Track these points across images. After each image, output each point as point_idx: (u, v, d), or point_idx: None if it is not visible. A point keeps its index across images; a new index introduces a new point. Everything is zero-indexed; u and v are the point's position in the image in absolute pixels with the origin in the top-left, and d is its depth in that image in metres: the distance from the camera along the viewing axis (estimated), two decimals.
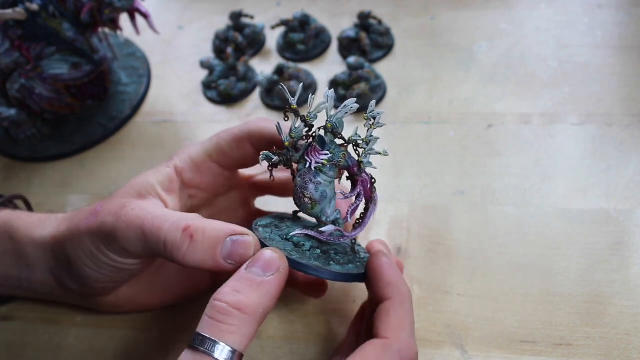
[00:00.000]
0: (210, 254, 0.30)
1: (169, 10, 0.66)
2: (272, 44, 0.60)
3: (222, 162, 0.37)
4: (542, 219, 0.42)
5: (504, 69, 0.53)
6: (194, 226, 0.30)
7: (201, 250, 0.30)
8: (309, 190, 0.31)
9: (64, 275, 0.37)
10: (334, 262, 0.32)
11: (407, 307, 0.32)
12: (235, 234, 0.30)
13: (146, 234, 0.31)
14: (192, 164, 0.36)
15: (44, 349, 0.41)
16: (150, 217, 0.31)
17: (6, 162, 0.55)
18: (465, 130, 0.49)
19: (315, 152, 0.31)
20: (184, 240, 0.30)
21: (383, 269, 0.32)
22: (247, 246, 0.30)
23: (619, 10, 0.55)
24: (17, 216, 0.40)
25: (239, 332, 0.27)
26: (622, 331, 0.36)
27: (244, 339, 0.28)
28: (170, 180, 0.36)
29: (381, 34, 0.56)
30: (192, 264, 0.30)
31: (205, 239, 0.30)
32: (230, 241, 0.30)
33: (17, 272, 0.38)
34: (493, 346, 0.37)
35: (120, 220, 0.32)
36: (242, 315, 0.28)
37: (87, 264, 0.34)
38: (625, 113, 0.48)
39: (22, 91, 0.50)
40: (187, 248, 0.30)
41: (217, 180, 0.38)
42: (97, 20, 0.49)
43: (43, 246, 0.37)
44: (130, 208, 0.32)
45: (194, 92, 0.57)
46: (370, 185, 0.33)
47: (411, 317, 0.32)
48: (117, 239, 0.32)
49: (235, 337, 0.27)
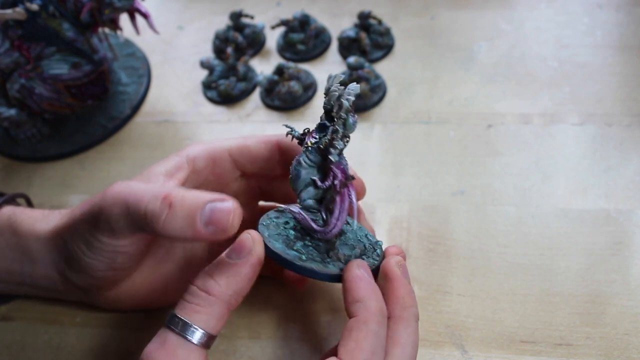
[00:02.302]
0: (189, 222, 0.29)
1: (169, 10, 0.66)
2: (272, 44, 0.60)
3: (241, 159, 0.37)
4: (542, 219, 0.42)
5: (504, 69, 0.53)
6: (173, 194, 0.30)
7: (180, 217, 0.29)
8: (292, 166, 0.32)
9: (66, 267, 0.37)
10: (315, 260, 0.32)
11: (371, 327, 0.30)
12: (214, 201, 0.30)
13: (128, 207, 0.30)
14: (207, 153, 0.36)
15: (44, 349, 0.41)
16: (133, 191, 0.31)
17: (6, 162, 0.55)
18: (465, 130, 0.49)
19: (311, 135, 0.32)
20: (163, 208, 0.29)
21: (351, 283, 0.31)
22: (227, 212, 0.29)
23: (619, 10, 0.55)
24: (20, 211, 0.40)
25: (208, 314, 0.29)
26: (622, 331, 0.36)
27: (214, 321, 0.29)
28: (178, 168, 0.36)
29: (381, 34, 0.56)
30: (172, 233, 0.29)
31: (185, 206, 0.29)
32: (209, 208, 0.29)
33: (20, 267, 0.39)
34: (493, 346, 0.37)
35: (105, 197, 0.32)
36: (209, 297, 0.29)
37: (83, 250, 0.34)
38: (625, 113, 0.48)
39: (22, 91, 0.50)
40: (166, 216, 0.29)
41: (227, 176, 0.38)
42: (97, 20, 0.49)
43: (46, 239, 0.37)
44: (115, 186, 0.32)
45: (194, 92, 0.57)
46: (345, 176, 0.32)
47: (374, 339, 0.29)
48: (103, 218, 0.32)
49: (204, 318, 0.29)
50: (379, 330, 0.30)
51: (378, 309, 0.30)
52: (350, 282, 0.31)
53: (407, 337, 0.31)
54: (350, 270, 0.31)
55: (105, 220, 0.32)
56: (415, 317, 0.32)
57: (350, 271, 0.31)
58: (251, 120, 0.54)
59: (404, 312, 0.31)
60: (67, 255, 0.36)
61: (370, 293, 0.31)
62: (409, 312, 0.31)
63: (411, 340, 0.31)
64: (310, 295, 0.41)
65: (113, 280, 0.37)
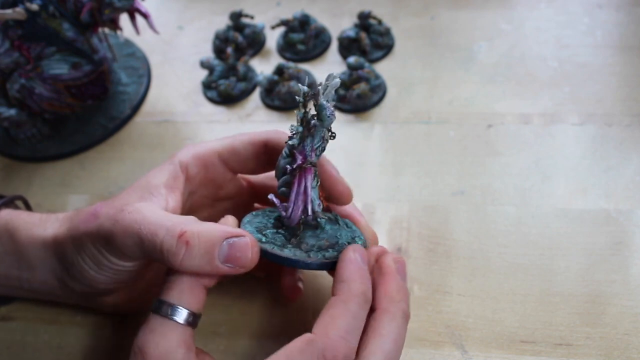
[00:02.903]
0: (207, 259, 0.30)
1: (169, 10, 0.66)
2: (272, 44, 0.60)
3: (231, 161, 0.37)
4: (542, 219, 0.42)
5: (504, 69, 0.53)
6: (189, 232, 0.30)
7: (198, 256, 0.30)
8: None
9: (65, 275, 0.36)
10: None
11: (350, 307, 0.30)
12: (231, 236, 0.30)
13: (143, 240, 0.31)
14: (198, 159, 0.36)
15: (44, 349, 0.41)
16: (147, 222, 0.31)
17: (6, 162, 0.55)
18: (465, 130, 0.49)
19: None
20: (180, 247, 0.30)
21: (340, 265, 0.31)
22: (245, 247, 0.30)
23: (619, 10, 0.55)
24: (17, 215, 0.39)
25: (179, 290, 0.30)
26: (622, 331, 0.36)
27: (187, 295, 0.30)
28: (174, 177, 0.36)
29: (381, 34, 0.56)
30: (191, 270, 0.30)
31: (202, 244, 0.30)
32: (226, 244, 0.30)
33: (18, 272, 0.38)
34: (493, 346, 0.37)
35: (117, 224, 0.31)
36: (178, 274, 0.30)
37: (90, 265, 0.34)
38: (625, 113, 0.48)
39: (22, 91, 0.50)
40: (183, 255, 0.30)
41: (220, 179, 0.37)
42: (97, 20, 0.49)
43: (44, 246, 0.37)
44: (127, 212, 0.32)
45: (194, 92, 0.57)
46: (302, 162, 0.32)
47: (350, 319, 0.29)
48: (115, 243, 0.32)
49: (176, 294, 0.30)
50: (357, 312, 0.30)
51: (360, 291, 0.30)
52: (340, 264, 0.31)
53: (389, 331, 0.30)
54: (345, 253, 0.32)
55: (119, 248, 0.32)
56: (402, 314, 0.31)
57: (344, 254, 0.31)
58: (251, 120, 0.54)
59: (390, 305, 0.31)
60: (67, 264, 0.36)
61: (355, 276, 0.31)
62: (395, 306, 0.31)
63: (393, 335, 0.30)
64: (310, 296, 0.41)
65: (114, 290, 0.37)
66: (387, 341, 0.30)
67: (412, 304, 0.39)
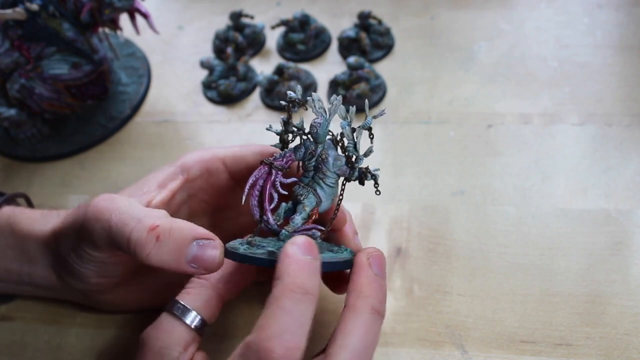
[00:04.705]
0: (175, 257, 0.30)
1: (169, 10, 0.66)
2: (272, 44, 0.60)
3: (235, 169, 0.37)
4: (542, 219, 0.42)
5: (504, 69, 0.53)
6: (161, 227, 0.30)
7: (166, 252, 0.30)
8: None
9: (63, 271, 0.37)
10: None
11: (283, 303, 0.27)
12: (202, 238, 0.30)
13: (111, 228, 0.30)
14: (202, 162, 0.36)
15: (44, 349, 0.41)
16: (118, 211, 0.31)
17: (6, 162, 0.55)
18: (465, 130, 0.49)
19: None
20: (150, 239, 0.30)
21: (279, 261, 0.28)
22: (212, 254, 0.30)
23: (619, 10, 0.55)
24: (19, 211, 0.40)
25: (196, 295, 0.32)
26: (622, 331, 0.36)
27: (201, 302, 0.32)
28: (171, 177, 0.36)
29: (381, 34, 0.56)
30: (155, 264, 0.30)
31: (172, 240, 0.30)
32: (196, 245, 0.30)
33: (19, 266, 0.39)
34: (493, 346, 0.37)
35: (89, 210, 0.32)
36: (199, 281, 0.33)
37: (73, 259, 0.34)
38: (625, 113, 0.48)
39: (22, 91, 0.50)
40: (152, 248, 0.30)
41: (222, 186, 0.37)
42: (97, 20, 0.49)
43: (44, 241, 0.37)
44: (99, 199, 0.32)
45: (194, 92, 0.57)
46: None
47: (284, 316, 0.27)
48: (85, 231, 0.32)
49: (193, 298, 0.32)
50: (293, 308, 0.27)
51: (295, 285, 0.27)
52: (278, 261, 0.28)
53: (353, 327, 0.28)
54: (284, 247, 0.29)
55: (88, 233, 0.32)
56: (370, 309, 0.29)
57: (283, 248, 0.29)
58: (251, 120, 0.54)
59: (357, 300, 0.29)
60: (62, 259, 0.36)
61: (288, 268, 0.28)
62: (362, 301, 0.29)
63: (358, 332, 0.28)
64: None
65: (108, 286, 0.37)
66: (352, 338, 0.28)
67: (412, 304, 0.39)
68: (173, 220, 0.31)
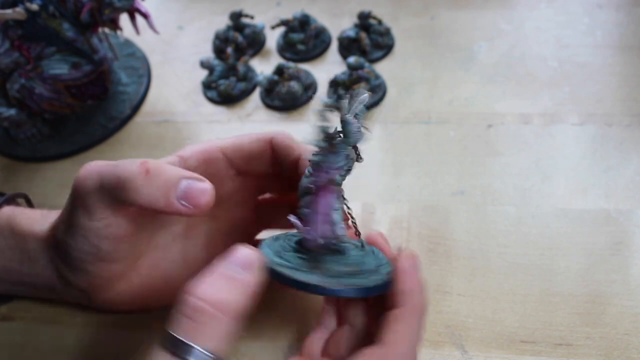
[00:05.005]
0: (163, 191, 0.29)
1: (169, 10, 0.66)
2: (272, 44, 0.60)
3: (235, 158, 0.37)
4: (542, 219, 0.42)
5: (504, 69, 0.53)
6: (151, 162, 0.30)
7: (155, 186, 0.29)
8: None
9: (63, 267, 0.37)
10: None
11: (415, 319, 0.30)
12: (191, 178, 0.30)
13: (102, 177, 0.31)
14: (200, 152, 0.36)
15: (44, 349, 0.41)
16: (107, 164, 0.31)
17: (6, 162, 0.55)
18: (465, 130, 0.49)
19: None
20: (140, 172, 0.29)
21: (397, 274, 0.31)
22: (202, 190, 0.30)
23: (619, 10, 0.55)
24: (20, 212, 0.40)
25: (218, 335, 0.26)
26: (622, 331, 0.36)
27: (224, 342, 0.26)
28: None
29: (381, 34, 0.56)
30: (144, 199, 0.29)
31: (161, 175, 0.30)
32: (186, 183, 0.30)
33: (19, 266, 0.39)
34: (493, 346, 0.37)
35: (79, 175, 0.32)
36: (222, 315, 0.26)
37: (68, 242, 0.34)
38: (625, 113, 0.48)
39: (22, 91, 0.50)
40: (141, 181, 0.29)
41: (221, 175, 0.37)
42: (97, 20, 0.49)
43: (44, 240, 0.37)
44: (89, 164, 0.32)
45: (194, 92, 0.57)
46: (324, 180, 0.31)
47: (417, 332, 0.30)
48: (77, 195, 0.32)
49: (215, 339, 0.25)
50: (418, 326, 0.30)
51: (421, 304, 0.31)
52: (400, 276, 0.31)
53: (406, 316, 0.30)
54: (400, 264, 0.31)
55: (79, 197, 0.32)
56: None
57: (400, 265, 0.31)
58: (251, 120, 0.54)
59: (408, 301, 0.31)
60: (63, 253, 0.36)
61: (413, 287, 0.30)
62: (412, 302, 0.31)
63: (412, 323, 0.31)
64: (311, 297, 0.41)
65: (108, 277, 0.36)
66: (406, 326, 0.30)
67: None
68: (163, 162, 0.31)
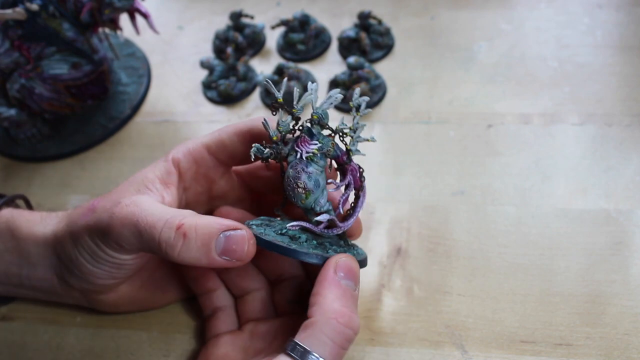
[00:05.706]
0: (204, 252, 0.30)
1: (169, 10, 0.66)
2: (272, 44, 0.60)
3: (220, 154, 0.37)
4: (542, 219, 0.42)
5: (504, 69, 0.53)
6: (187, 224, 0.30)
7: (195, 248, 0.30)
8: (302, 180, 0.32)
9: (65, 272, 0.37)
10: (332, 252, 0.32)
11: None
12: (228, 229, 0.30)
13: (141, 232, 0.31)
14: (189, 154, 0.36)
15: (44, 349, 0.41)
16: (144, 214, 0.31)
17: (6, 162, 0.55)
18: (465, 130, 0.49)
19: (304, 142, 0.32)
20: (178, 239, 0.30)
21: None
22: (241, 240, 0.30)
23: (619, 10, 0.55)
24: (19, 214, 0.40)
25: (344, 350, 0.30)
26: (622, 331, 0.36)
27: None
28: (169, 173, 0.36)
29: (381, 34, 0.56)
30: (188, 261, 0.30)
31: (198, 236, 0.30)
32: (223, 237, 0.30)
33: (18, 269, 0.39)
34: (493, 346, 0.37)
35: (114, 217, 0.32)
36: (352, 332, 0.30)
37: (87, 259, 0.34)
38: (625, 113, 0.48)
39: (22, 91, 0.50)
40: (181, 247, 0.30)
41: (212, 173, 0.37)
42: (97, 20, 0.49)
43: (44, 243, 0.37)
44: (124, 204, 0.32)
45: (194, 92, 0.57)
46: (359, 174, 0.33)
47: None
48: (112, 236, 0.32)
49: (341, 355, 0.30)
50: None
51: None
52: None
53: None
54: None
55: (115, 239, 0.32)
56: None
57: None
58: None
59: None
60: (66, 260, 0.36)
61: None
62: None
63: None
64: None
65: (112, 286, 0.37)
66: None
67: (412, 304, 0.39)
68: (199, 217, 0.31)
